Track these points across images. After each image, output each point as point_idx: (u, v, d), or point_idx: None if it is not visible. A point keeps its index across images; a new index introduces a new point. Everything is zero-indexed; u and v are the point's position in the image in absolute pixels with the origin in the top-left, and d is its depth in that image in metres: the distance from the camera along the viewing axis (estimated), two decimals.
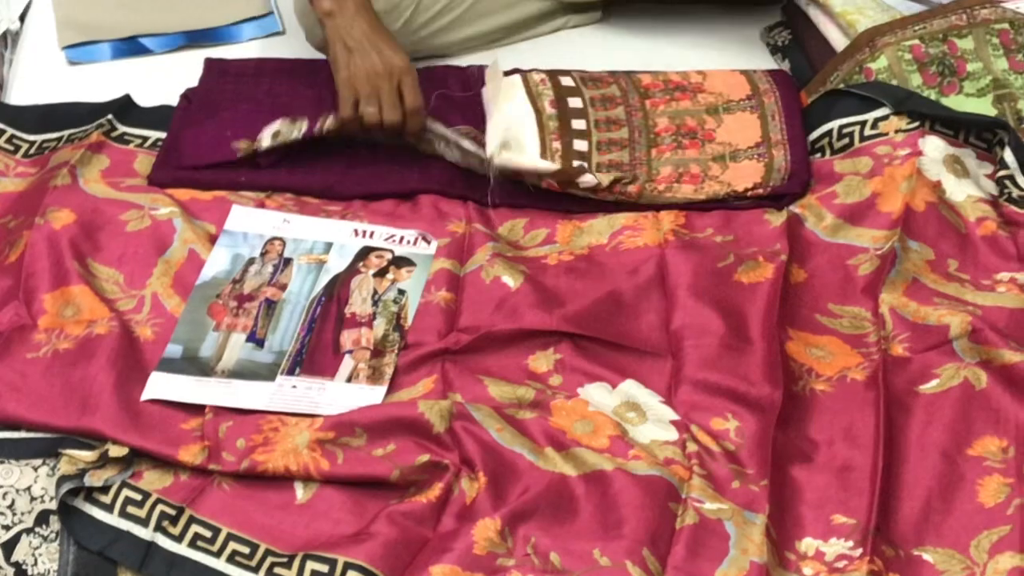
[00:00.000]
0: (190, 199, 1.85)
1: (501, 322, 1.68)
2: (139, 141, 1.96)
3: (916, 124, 1.89)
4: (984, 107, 1.96)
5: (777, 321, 1.67)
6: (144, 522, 1.48)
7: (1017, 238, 1.77)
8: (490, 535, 1.44)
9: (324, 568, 1.42)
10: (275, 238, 1.82)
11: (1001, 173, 1.85)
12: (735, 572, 1.41)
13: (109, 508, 1.49)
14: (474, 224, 1.83)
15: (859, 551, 1.43)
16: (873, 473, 1.50)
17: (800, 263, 1.77)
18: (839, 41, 2.08)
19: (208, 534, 1.48)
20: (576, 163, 1.88)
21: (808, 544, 1.47)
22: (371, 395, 1.61)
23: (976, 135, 1.90)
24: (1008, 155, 1.85)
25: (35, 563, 1.47)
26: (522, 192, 1.87)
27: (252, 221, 1.84)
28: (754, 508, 1.48)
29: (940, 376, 1.61)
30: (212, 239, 1.80)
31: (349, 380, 1.64)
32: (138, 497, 1.50)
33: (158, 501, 1.50)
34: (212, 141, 1.92)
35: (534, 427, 1.56)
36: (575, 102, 1.97)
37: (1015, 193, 1.82)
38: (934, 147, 1.86)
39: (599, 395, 1.61)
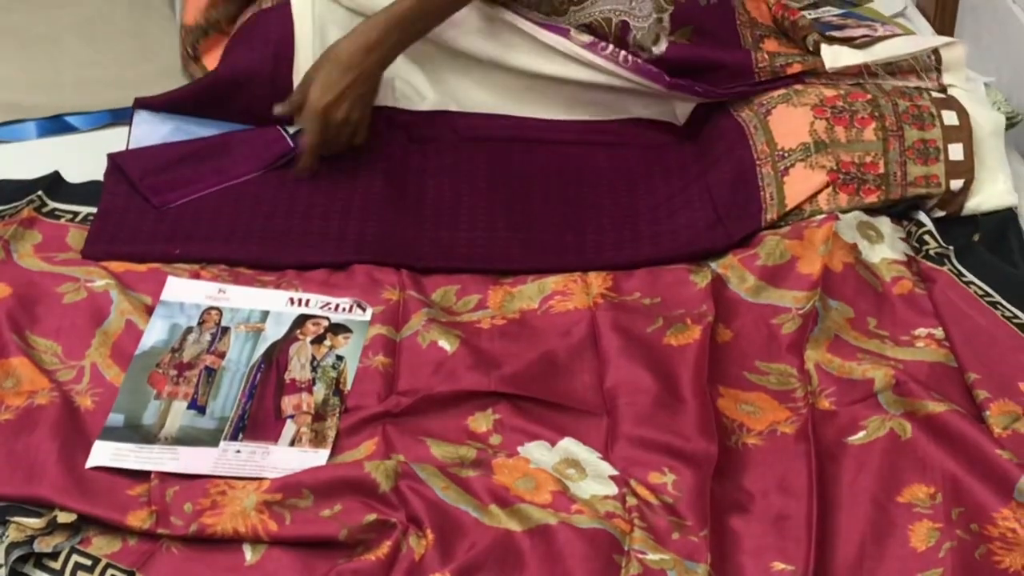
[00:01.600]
0: (124, 271, 1.87)
1: (439, 384, 1.71)
2: (70, 216, 1.98)
3: None
4: None
5: (707, 379, 1.72)
6: None
7: (933, 294, 1.84)
8: None
9: None
10: (212, 308, 1.84)
11: (921, 231, 1.92)
12: None
13: (59, 574, 1.49)
14: (408, 291, 1.87)
15: None
16: (808, 521, 1.54)
17: (726, 323, 1.83)
18: None
19: None
20: None
21: None
22: (315, 458, 1.63)
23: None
24: (923, 216, 1.94)
25: None
26: (456, 256, 1.91)
27: (188, 291, 1.86)
28: (695, 558, 1.51)
29: (867, 428, 1.66)
30: (148, 310, 1.82)
31: (292, 444, 1.66)
32: (88, 562, 1.50)
33: (108, 566, 1.50)
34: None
35: (478, 485, 1.59)
36: None
37: (933, 250, 1.90)
38: (850, 213, 1.94)
39: (539, 453, 1.64)
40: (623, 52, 2.07)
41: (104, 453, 1.62)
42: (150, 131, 2.12)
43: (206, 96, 2.13)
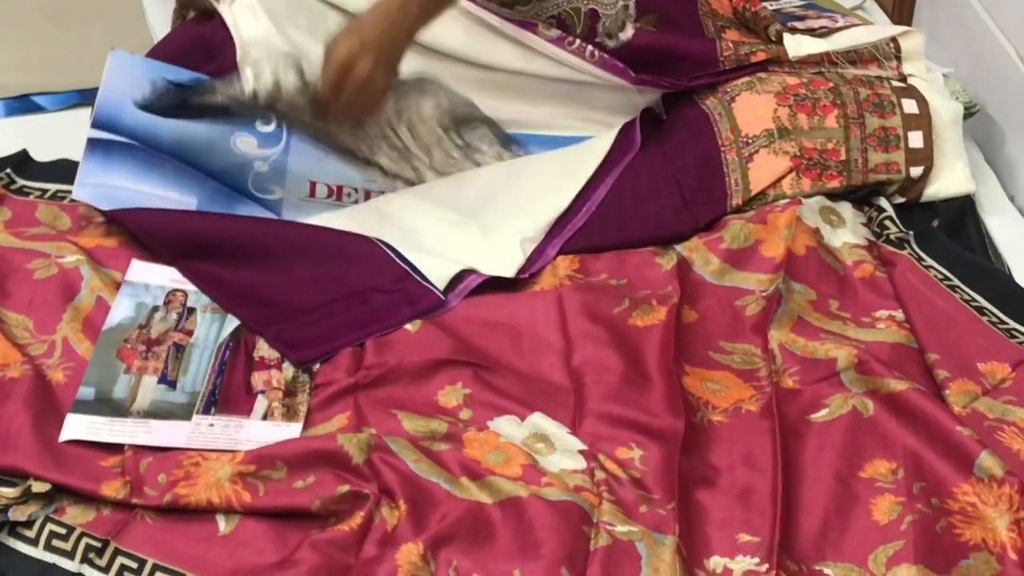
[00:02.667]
0: (95, 246, 1.88)
1: (408, 357, 1.73)
2: (39, 192, 1.98)
3: None
4: None
5: (673, 358, 1.75)
6: (70, 555, 1.50)
7: (893, 277, 1.88)
8: (413, 559, 1.48)
9: None
10: (177, 289, 1.85)
11: (882, 216, 1.96)
12: None
13: (34, 542, 1.51)
14: None
15: (765, 567, 1.50)
16: (773, 495, 1.57)
17: (691, 304, 1.85)
18: None
19: (134, 565, 1.50)
20: None
21: (716, 562, 1.53)
22: (288, 432, 1.65)
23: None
24: (884, 202, 1.97)
25: None
26: None
27: (153, 274, 1.87)
28: (663, 530, 1.54)
29: (829, 405, 1.69)
30: (119, 286, 1.83)
31: (265, 418, 1.67)
32: (63, 531, 1.51)
33: (83, 535, 1.51)
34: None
35: (449, 458, 1.61)
36: None
37: (893, 234, 1.93)
38: (812, 199, 1.97)
39: (508, 428, 1.66)
40: (589, 47, 2.09)
41: (77, 426, 1.63)
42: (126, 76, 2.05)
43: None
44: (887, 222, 1.95)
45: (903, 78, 2.12)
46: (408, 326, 1.79)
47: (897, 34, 2.15)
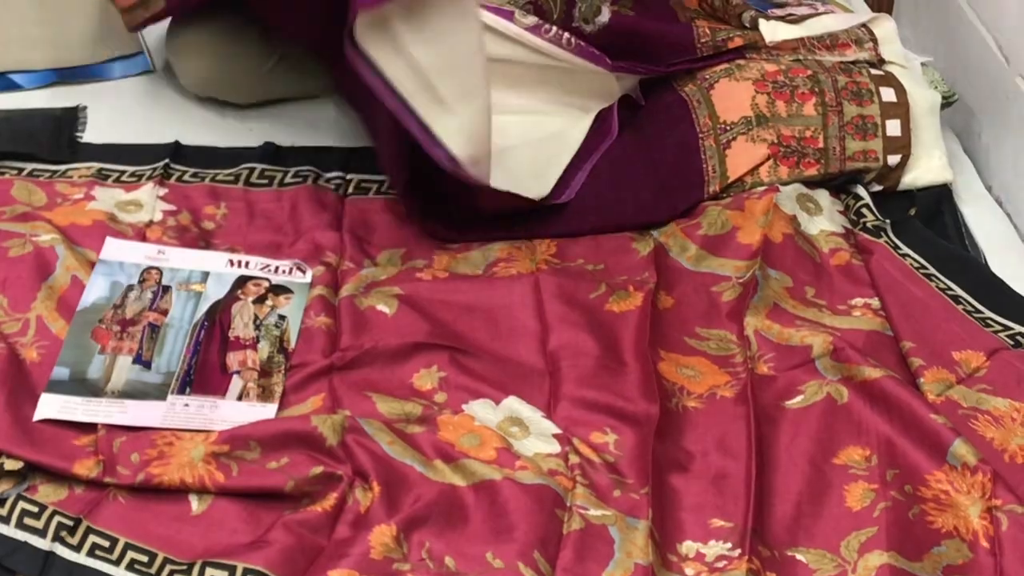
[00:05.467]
0: (70, 224, 1.87)
1: (383, 340, 1.73)
2: (15, 171, 1.97)
3: None
4: None
5: (648, 344, 1.75)
6: (42, 533, 1.49)
7: (869, 265, 1.88)
8: (386, 540, 1.48)
9: (223, 574, 1.45)
10: (152, 267, 1.84)
11: (859, 204, 1.96)
12: (621, 573, 1.48)
13: (6, 520, 1.50)
14: (346, 261, 1.88)
15: (737, 551, 1.50)
16: (747, 480, 1.58)
17: (667, 290, 1.86)
18: None
19: (106, 544, 1.49)
20: None
21: (689, 546, 1.53)
22: (263, 412, 1.65)
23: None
24: (861, 190, 1.98)
25: None
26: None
27: (127, 252, 1.86)
28: (636, 514, 1.54)
29: (804, 392, 1.70)
30: (93, 265, 1.82)
31: (240, 398, 1.67)
32: (34, 509, 1.51)
33: (55, 513, 1.51)
34: None
35: (423, 440, 1.61)
36: None
37: (870, 222, 1.94)
38: (790, 186, 1.98)
39: (483, 411, 1.66)
40: (566, 34, 2.08)
41: (52, 406, 1.63)
42: None
43: None
44: (864, 210, 1.96)
45: (881, 60, 2.12)
46: (385, 308, 1.78)
47: (867, 20, 2.16)
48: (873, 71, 2.09)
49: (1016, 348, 1.76)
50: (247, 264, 1.87)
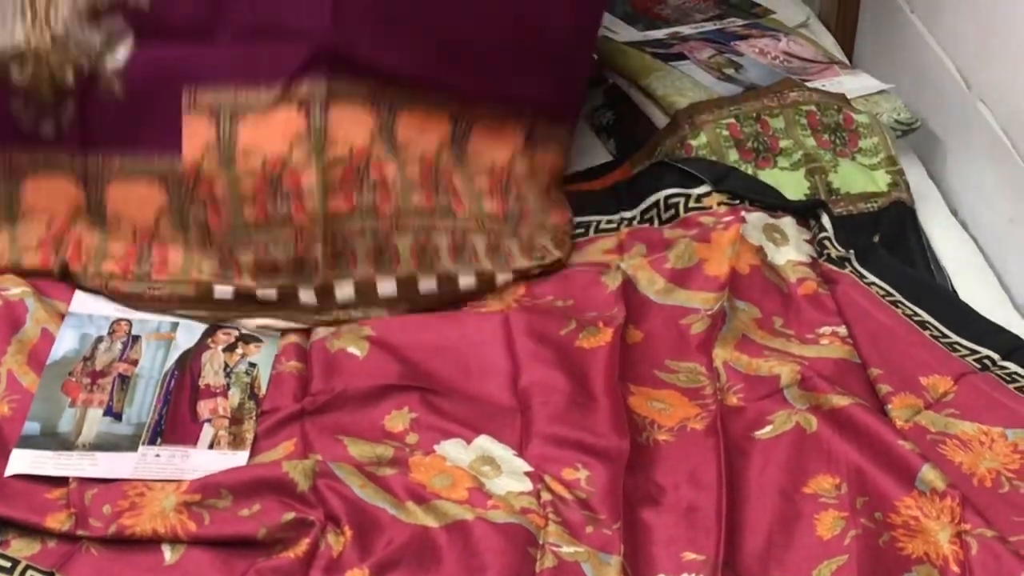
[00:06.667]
0: (38, 278, 1.87)
1: (354, 382, 1.74)
2: None
3: (737, 202, 2.01)
4: (798, 179, 2.10)
5: (619, 378, 1.76)
6: None
7: (836, 294, 1.89)
8: None
9: None
10: (121, 319, 1.85)
11: (821, 235, 1.97)
12: None
13: None
14: None
15: None
16: (718, 512, 1.58)
17: (636, 324, 1.86)
18: (661, 121, 2.19)
19: None
20: None
21: None
22: (234, 460, 1.65)
23: (792, 206, 2.03)
24: (825, 220, 1.99)
25: None
26: None
27: (96, 304, 1.87)
28: (608, 550, 1.54)
29: (773, 422, 1.70)
30: (63, 317, 1.83)
31: (211, 446, 1.67)
32: (7, 564, 1.51)
33: (28, 567, 1.51)
34: None
35: (394, 483, 1.61)
36: None
37: (833, 253, 1.95)
38: (755, 216, 1.99)
39: (455, 451, 1.67)
40: None
41: (23, 461, 1.63)
42: None
43: None
44: (826, 242, 1.97)
45: None
46: (355, 351, 1.79)
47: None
48: None
49: (984, 371, 1.77)
50: None
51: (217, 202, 1.82)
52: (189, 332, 1.84)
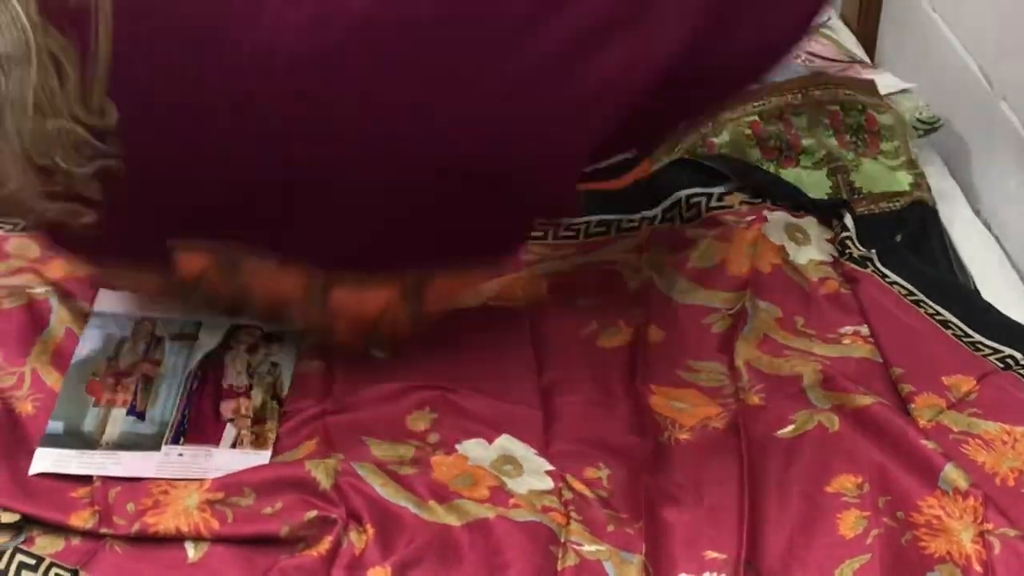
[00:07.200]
0: (63, 276, 1.88)
1: (377, 382, 1.75)
2: (10, 227, 1.99)
3: (758, 200, 2.01)
4: (820, 178, 2.10)
5: (639, 378, 1.76)
6: None
7: (858, 293, 1.89)
8: None
9: None
10: (144, 318, 1.86)
11: (843, 235, 1.97)
12: None
13: (3, 573, 1.50)
14: None
15: None
16: (739, 511, 1.58)
17: (657, 324, 1.86)
18: None
19: None
20: None
21: None
22: (257, 459, 1.66)
23: (814, 205, 2.03)
24: (848, 220, 1.99)
25: None
26: None
27: (120, 303, 1.88)
28: (630, 549, 1.55)
29: (795, 422, 1.70)
30: (87, 317, 1.83)
31: (234, 446, 1.68)
32: (32, 561, 1.52)
33: (52, 565, 1.52)
34: None
35: (416, 482, 1.61)
36: None
37: (855, 253, 1.95)
38: (777, 216, 1.99)
39: (476, 450, 1.67)
40: None
41: (46, 460, 1.64)
42: None
43: None
44: (848, 242, 1.96)
45: None
46: (376, 352, 1.79)
47: None
48: None
49: (1006, 371, 1.76)
50: None
51: None
52: (212, 332, 1.85)
